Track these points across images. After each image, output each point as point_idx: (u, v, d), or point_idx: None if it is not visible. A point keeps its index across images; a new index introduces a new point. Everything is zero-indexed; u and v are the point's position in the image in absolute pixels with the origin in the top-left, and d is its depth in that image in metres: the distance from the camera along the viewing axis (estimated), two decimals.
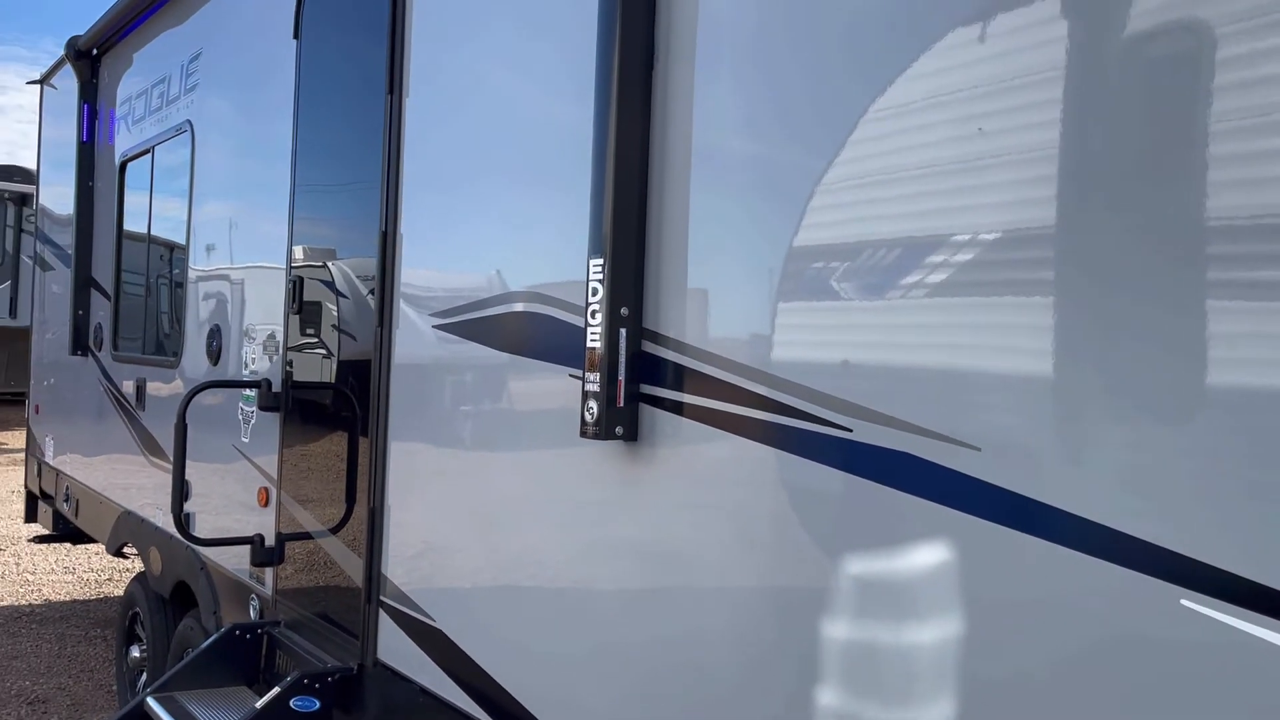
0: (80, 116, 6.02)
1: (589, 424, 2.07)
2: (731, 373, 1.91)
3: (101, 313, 5.90)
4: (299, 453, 3.52)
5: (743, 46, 1.97)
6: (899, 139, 1.67)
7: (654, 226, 2.08)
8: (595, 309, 2.06)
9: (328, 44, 3.46)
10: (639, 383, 2.08)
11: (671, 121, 2.06)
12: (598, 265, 2.06)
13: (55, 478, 6.65)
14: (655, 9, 2.08)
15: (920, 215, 1.62)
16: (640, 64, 2.07)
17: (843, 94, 1.78)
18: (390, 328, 3.01)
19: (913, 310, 1.62)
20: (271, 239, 3.84)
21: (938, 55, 1.62)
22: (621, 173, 2.05)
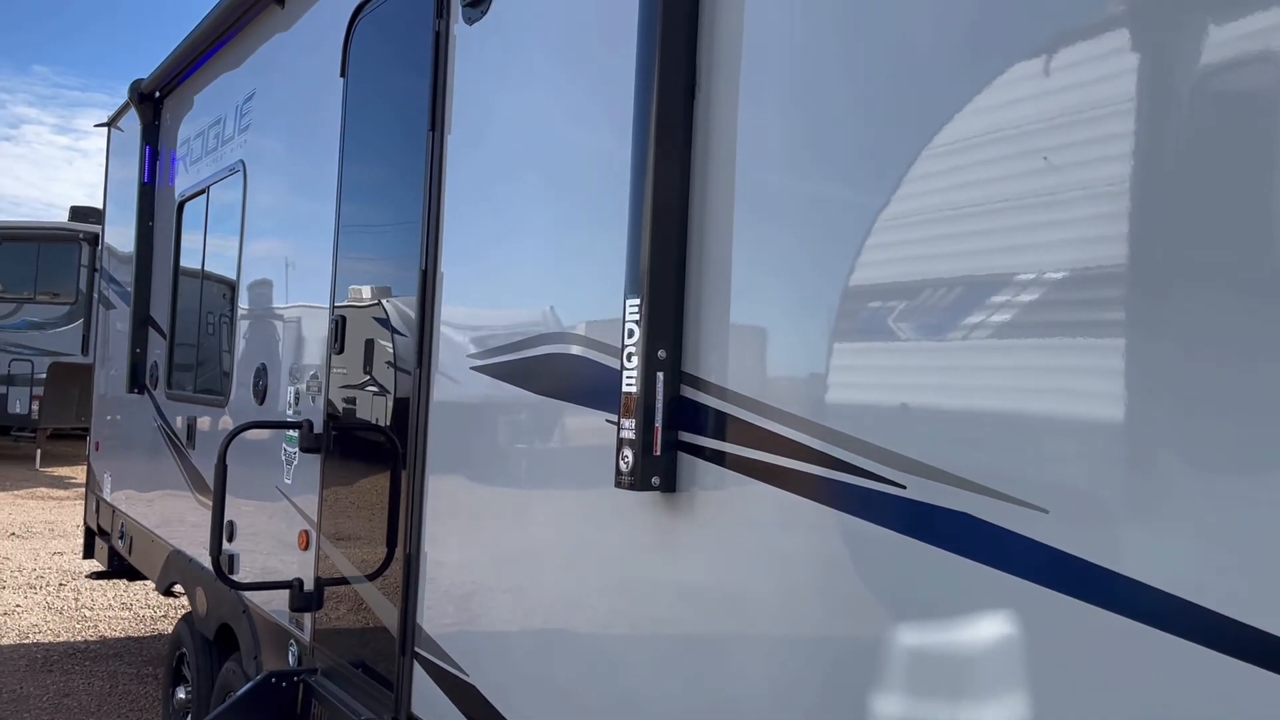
0: (141, 157, 6.11)
1: (624, 473, 1.94)
2: (776, 421, 1.78)
3: (157, 351, 5.94)
4: (338, 495, 3.44)
5: (790, 74, 1.85)
6: (960, 174, 1.54)
7: (694, 265, 1.96)
8: (631, 351, 1.95)
9: (373, 82, 3.43)
10: (677, 430, 1.95)
11: (713, 154, 1.95)
12: (634, 306, 1.95)
13: (112, 514, 6.69)
14: (697, 35, 1.98)
15: (982, 253, 1.48)
16: (681, 93, 1.96)
17: (898, 125, 1.65)
18: (429, 369, 2.93)
19: (974, 355, 1.47)
20: (317, 278, 3.80)
21: (1001, 87, 1.49)
22: (660, 208, 1.94)
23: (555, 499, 2.35)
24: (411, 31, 3.14)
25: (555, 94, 2.50)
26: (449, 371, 2.84)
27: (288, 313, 4.08)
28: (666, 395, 1.93)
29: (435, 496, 2.87)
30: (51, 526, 12.14)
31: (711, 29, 1.97)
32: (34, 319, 18.00)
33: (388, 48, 3.33)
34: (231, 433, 3.58)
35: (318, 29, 3.94)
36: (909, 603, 1.52)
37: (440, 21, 2.96)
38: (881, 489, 1.55)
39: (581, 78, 2.40)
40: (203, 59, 5.36)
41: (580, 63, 2.41)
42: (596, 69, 2.34)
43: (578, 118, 2.40)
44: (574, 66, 2.43)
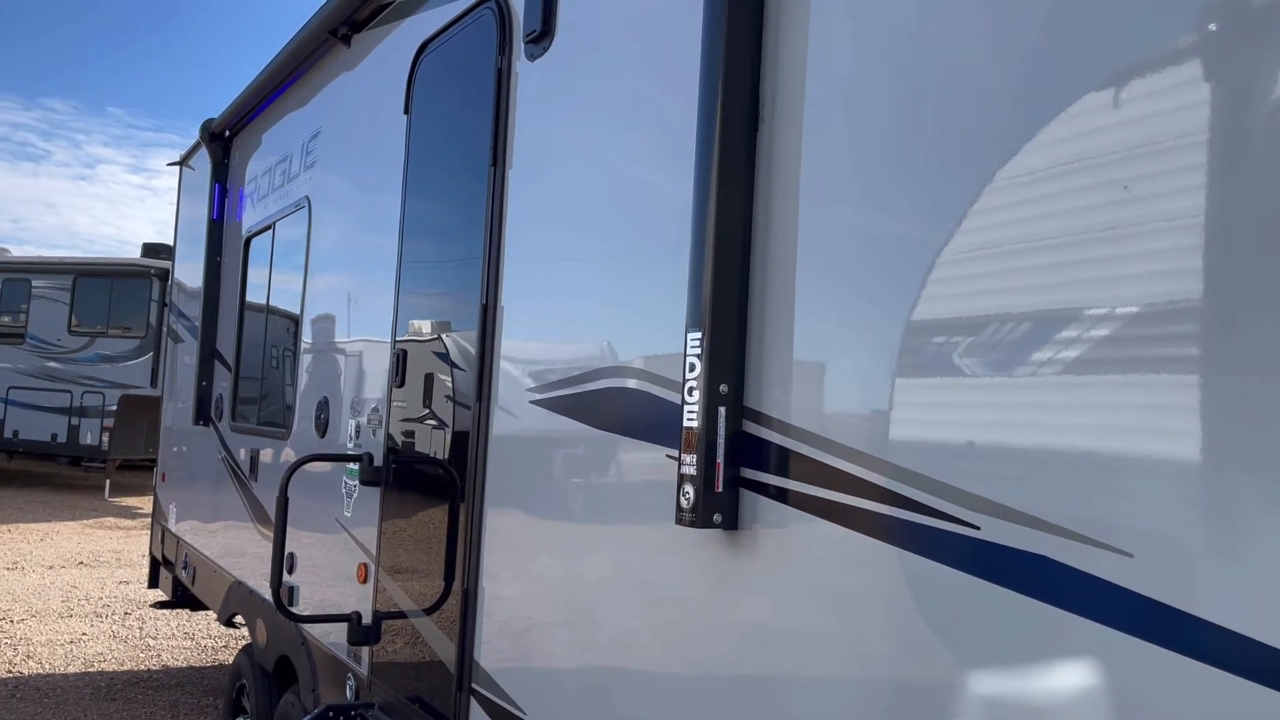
0: (211, 195, 6.26)
1: (685, 510, 1.91)
2: (842, 458, 1.74)
3: (222, 384, 6.04)
4: (397, 529, 3.45)
5: (855, 106, 1.83)
6: (1032, 206, 1.50)
7: (756, 298, 1.93)
8: (693, 385, 1.92)
9: (435, 119, 3.47)
10: (739, 466, 1.92)
11: (777, 186, 1.93)
12: (696, 339, 1.92)
13: (176, 545, 6.79)
14: (761, 67, 1.97)
15: (1059, 286, 1.43)
16: (744, 125, 1.95)
17: (968, 157, 1.61)
18: (489, 402, 2.93)
19: (1052, 391, 1.42)
20: (379, 312, 3.83)
21: (1073, 118, 1.45)
22: (722, 241, 1.92)
23: (614, 534, 2.32)
24: (474, 68, 3.18)
25: (616, 128, 2.50)
26: (509, 406, 2.84)
27: (350, 346, 4.12)
28: (728, 430, 1.89)
29: (494, 531, 2.86)
30: (118, 555, 12.37)
31: (775, 61, 1.95)
32: (105, 352, 18.49)
33: (450, 85, 3.37)
34: (293, 465, 3.61)
35: (382, 68, 4.01)
36: (982, 647, 1.46)
37: (502, 58, 2.99)
38: (954, 529, 1.50)
39: (643, 112, 2.39)
40: (270, 99, 5.49)
41: (642, 97, 2.41)
42: (658, 103, 2.34)
43: (638, 152, 2.39)
44: (635, 101, 2.43)
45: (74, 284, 18.82)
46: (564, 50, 2.73)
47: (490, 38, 3.05)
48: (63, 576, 10.86)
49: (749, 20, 1.95)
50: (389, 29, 4.02)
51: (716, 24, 1.96)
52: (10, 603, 9.41)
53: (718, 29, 1.95)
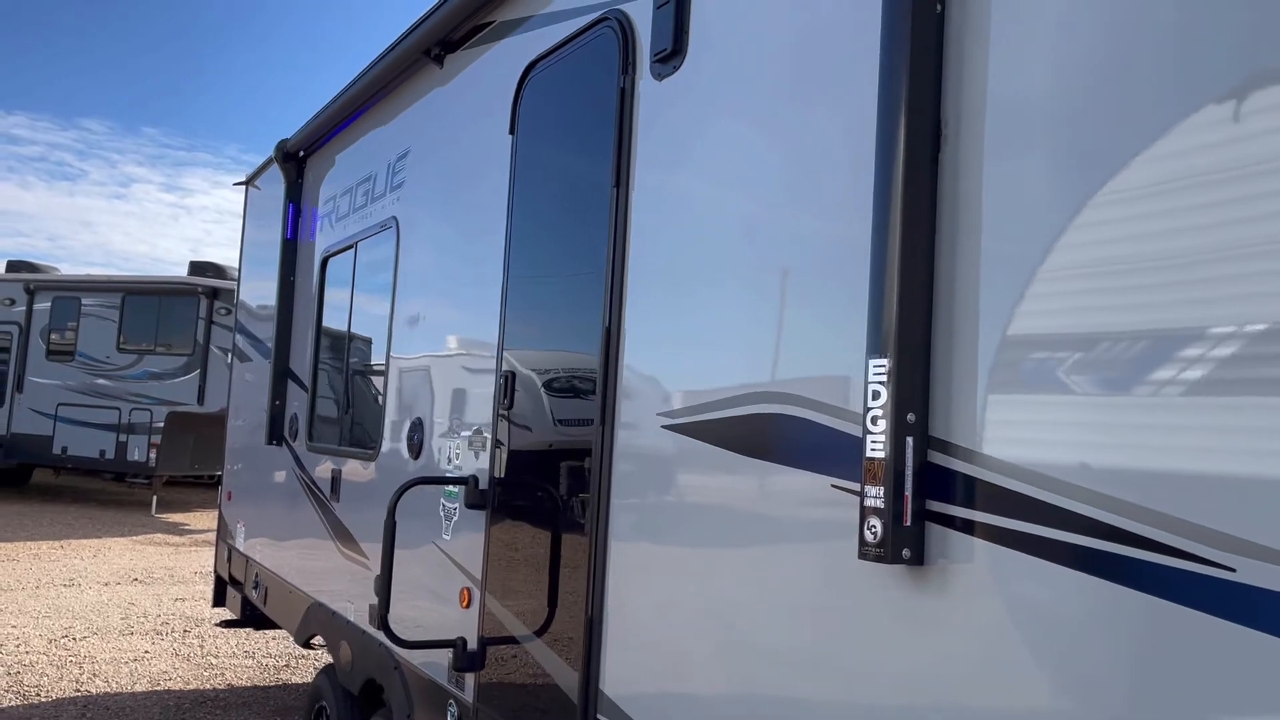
0: (285, 214, 6.27)
1: (871, 544, 1.84)
2: (1054, 492, 1.66)
3: (297, 403, 6.04)
4: (506, 553, 3.40)
5: (1038, 119, 1.76)
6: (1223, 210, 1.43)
7: (942, 322, 1.87)
8: (877, 415, 1.85)
9: (546, 139, 3.43)
10: (925, 498, 1.85)
11: (962, 205, 1.86)
12: (880, 367, 1.86)
13: (245, 564, 6.79)
14: (942, 85, 1.91)
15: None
16: (927, 145, 1.89)
17: (1173, 163, 1.55)
18: (612, 426, 2.87)
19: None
20: (478, 333, 3.80)
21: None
22: (907, 264, 1.86)
23: (771, 564, 2.25)
24: (592, 88, 3.14)
25: (760, 147, 2.44)
26: (636, 430, 2.78)
27: (446, 367, 4.09)
28: (916, 461, 1.83)
29: (620, 558, 2.80)
30: (171, 572, 12.43)
31: (958, 77, 1.89)
32: (153, 369, 18.67)
33: (563, 104, 3.33)
34: (401, 488, 3.57)
35: (480, 88, 3.99)
36: (1244, 700, 1.38)
37: (625, 77, 2.95)
38: (1204, 571, 1.42)
39: (792, 131, 2.33)
40: (350, 120, 5.49)
41: (789, 117, 2.35)
42: (810, 122, 2.28)
43: (787, 172, 2.33)
44: (782, 120, 2.37)
45: (123, 302, 19.03)
46: (697, 69, 2.69)
47: (611, 56, 3.01)
48: (119, 593, 10.91)
49: (932, 37, 1.90)
50: (486, 48, 4.00)
51: (898, 43, 1.90)
52: (71, 620, 9.46)
53: (899, 48, 1.89)
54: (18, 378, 19.46)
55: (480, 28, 4.03)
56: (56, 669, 7.77)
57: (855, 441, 2.02)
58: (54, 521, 16.38)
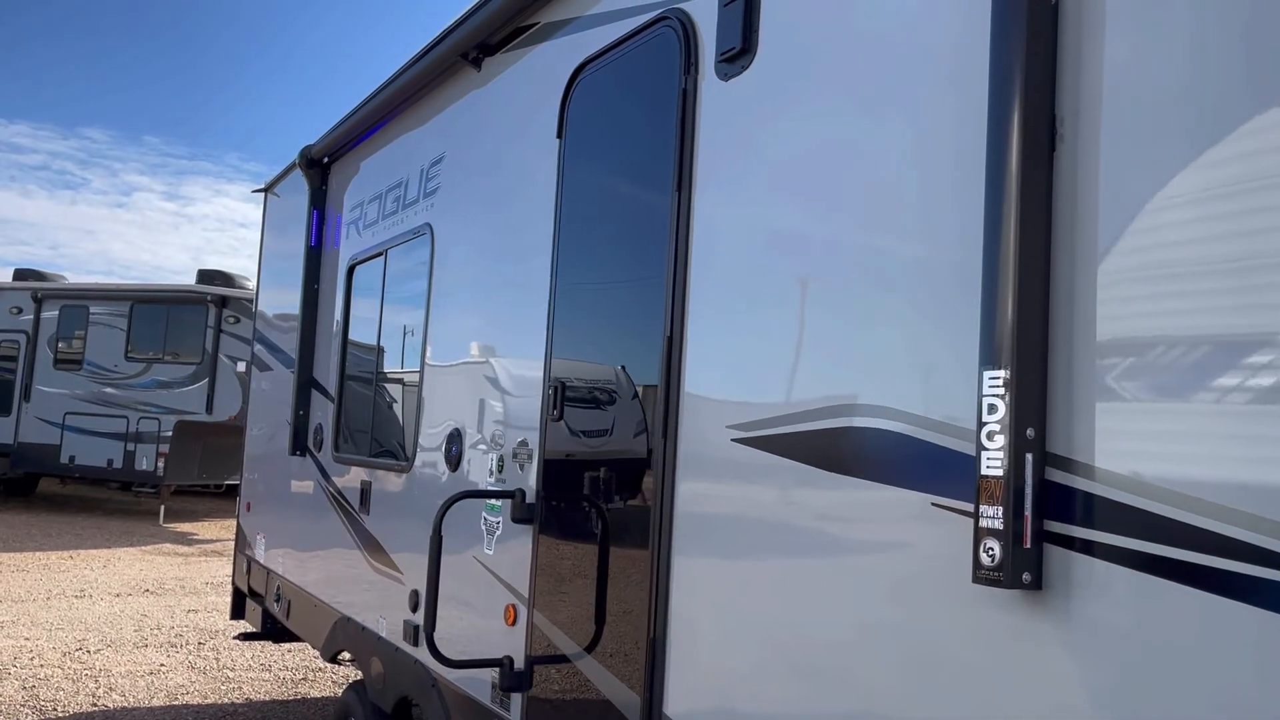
0: (310, 222, 6.18)
1: (988, 567, 1.73)
2: (1189, 510, 1.56)
3: (321, 413, 5.93)
4: (556, 570, 3.29)
5: (1166, 114, 1.66)
6: None
7: (1061, 330, 1.76)
8: (993, 430, 1.75)
9: (597, 142, 3.33)
10: (1043, 519, 1.74)
11: (1081, 206, 1.76)
12: (995, 379, 1.75)
13: (266, 577, 6.67)
14: (1056, 83, 1.80)
15: None
16: (1042, 146, 1.78)
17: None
18: (674, 439, 2.76)
19: None
20: (522, 342, 3.70)
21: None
22: (1025, 269, 1.75)
23: (855, 588, 2.14)
24: (650, 89, 3.04)
25: (839, 150, 2.34)
26: (702, 443, 2.67)
27: (485, 376, 3.98)
28: (1036, 479, 1.72)
29: (685, 577, 2.69)
30: (182, 583, 12.31)
31: (1076, 74, 1.79)
32: (162, 378, 18.58)
33: (617, 107, 3.23)
34: (446, 503, 3.47)
35: (524, 91, 3.89)
36: None
37: (687, 78, 2.85)
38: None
39: (876, 132, 2.23)
40: (378, 125, 5.40)
41: (874, 117, 2.25)
42: (898, 122, 2.18)
43: (876, 172, 2.23)
44: (865, 121, 2.27)
45: (131, 310, 18.95)
46: (768, 68, 2.59)
47: (671, 57, 2.91)
48: (131, 605, 10.80)
49: (1048, 29, 1.79)
50: (528, 50, 3.91)
51: (1011, 37, 1.80)
52: (84, 632, 9.34)
53: (1012, 43, 1.79)
54: (25, 387, 19.37)
55: (521, 30, 3.93)
56: (72, 683, 7.66)
57: (958, 457, 1.91)
58: (62, 532, 16.26)
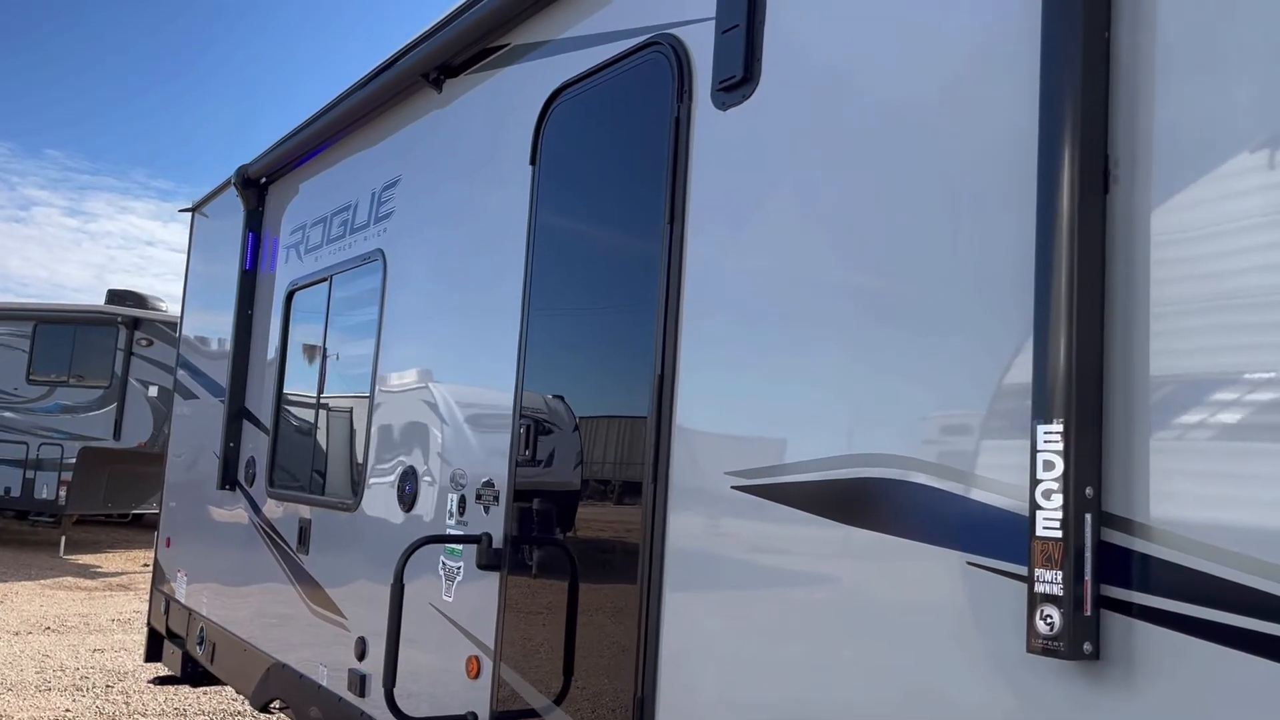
0: (245, 244, 5.89)
1: (1046, 636, 1.62)
2: (1257, 574, 1.46)
3: (254, 446, 5.63)
4: (528, 621, 3.10)
5: (1209, 155, 1.59)
6: None
7: (1118, 383, 1.67)
8: (1050, 489, 1.64)
9: (575, 170, 3.19)
10: (1101, 583, 1.64)
11: (1137, 252, 1.67)
12: (1052, 434, 1.65)
13: (187, 617, 6.30)
14: (1110, 124, 1.72)
15: None
16: (1095, 188, 1.70)
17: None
18: (665, 484, 2.61)
19: None
20: (489, 378, 3.51)
21: None
22: (1083, 317, 1.66)
23: (878, 653, 2.01)
24: (637, 116, 2.91)
25: (854, 183, 2.23)
26: (697, 490, 2.53)
27: (446, 413, 3.78)
28: (1095, 541, 1.62)
29: (677, 635, 2.53)
30: (86, 620, 11.67)
31: (1131, 114, 1.71)
32: (66, 403, 17.75)
33: (599, 133, 3.09)
34: (409, 548, 3.25)
35: (491, 115, 3.73)
36: None
37: (681, 106, 2.73)
38: None
39: (898, 168, 2.13)
40: (324, 145, 5.17)
41: (894, 152, 2.15)
42: (919, 157, 2.08)
43: (895, 209, 2.13)
44: (889, 148, 2.17)
45: (34, 331, 18.08)
46: (772, 98, 2.48)
47: (663, 83, 2.79)
48: (31, 644, 10.17)
49: (1100, 67, 1.71)
50: (496, 73, 3.75)
51: (1062, 75, 1.71)
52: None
53: (1064, 81, 1.70)
54: None
55: (489, 51, 3.77)
56: None
57: (999, 514, 1.80)
58: None
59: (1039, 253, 1.72)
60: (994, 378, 1.85)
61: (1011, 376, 1.83)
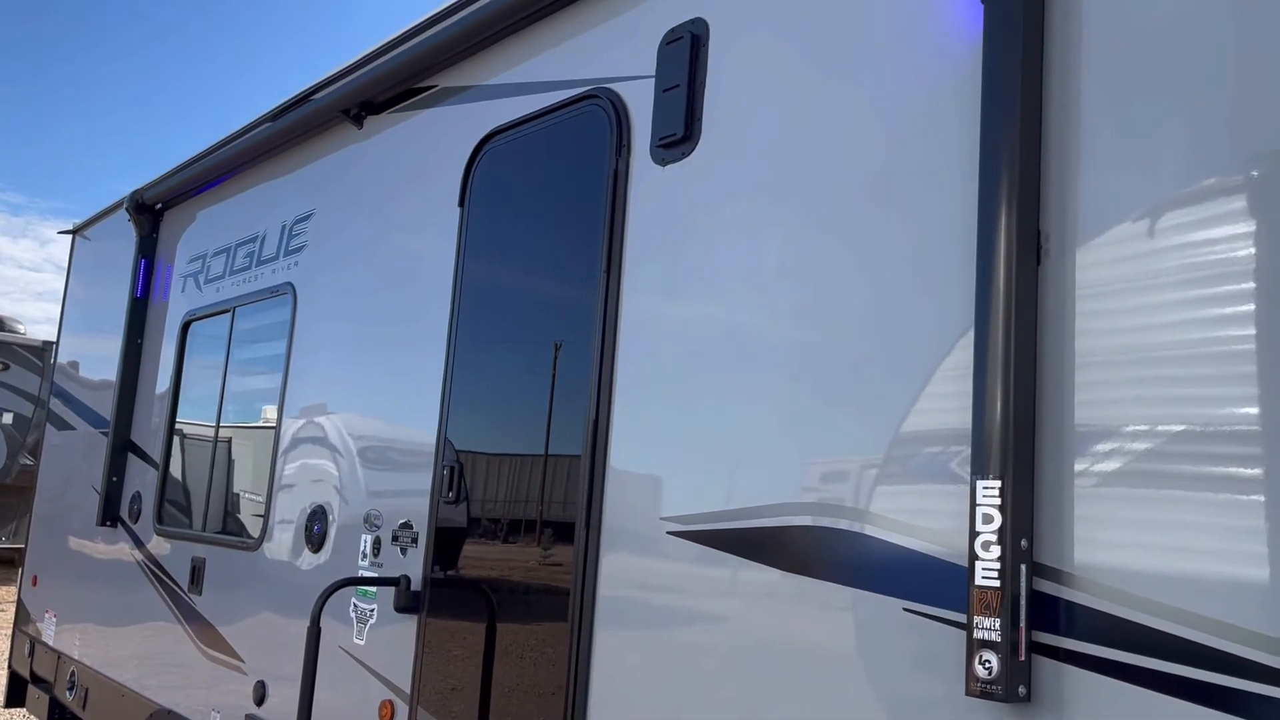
0: (136, 271, 5.70)
1: (983, 679, 1.72)
2: (1176, 622, 1.60)
3: (140, 481, 5.42)
4: (445, 663, 3.07)
5: (1140, 230, 1.75)
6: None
7: (1050, 439, 1.79)
8: (989, 540, 1.75)
9: (506, 214, 3.22)
10: (1033, 630, 1.75)
11: (1065, 315, 1.81)
12: (991, 488, 1.76)
13: (56, 661, 5.97)
14: (1041, 200, 1.87)
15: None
16: (1030, 255, 1.84)
17: None
18: (598, 530, 2.65)
19: None
20: (407, 417, 3.49)
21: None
22: (1018, 379, 1.78)
23: (819, 697, 2.09)
24: (572, 165, 2.97)
25: (795, 242, 2.34)
26: (631, 534, 2.58)
27: (360, 452, 3.73)
28: (1028, 590, 1.73)
29: (607, 675, 2.56)
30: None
31: (1061, 190, 1.86)
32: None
33: (532, 180, 3.14)
34: (328, 589, 3.19)
35: (415, 154, 3.74)
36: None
37: (619, 159, 2.80)
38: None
39: (837, 228, 2.25)
40: (229, 174, 5.06)
41: (833, 208, 2.27)
42: (859, 217, 2.20)
43: (827, 266, 2.24)
44: (823, 211, 2.28)
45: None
46: (711, 157, 2.57)
47: (600, 136, 2.86)
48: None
49: (1034, 151, 1.86)
50: (421, 112, 3.76)
51: (1002, 161, 1.85)
52: None
53: (1004, 166, 1.84)
54: None
55: (415, 91, 3.79)
56: None
57: (935, 563, 1.91)
58: None
59: (978, 317, 1.85)
60: (926, 431, 1.96)
61: (942, 429, 1.94)
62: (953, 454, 1.93)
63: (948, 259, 1.99)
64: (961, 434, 1.90)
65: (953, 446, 1.93)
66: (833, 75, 2.34)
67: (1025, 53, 1.84)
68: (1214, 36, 1.71)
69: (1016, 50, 1.84)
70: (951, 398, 1.95)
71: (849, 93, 2.29)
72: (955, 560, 1.87)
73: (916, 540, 1.95)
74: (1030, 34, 1.85)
